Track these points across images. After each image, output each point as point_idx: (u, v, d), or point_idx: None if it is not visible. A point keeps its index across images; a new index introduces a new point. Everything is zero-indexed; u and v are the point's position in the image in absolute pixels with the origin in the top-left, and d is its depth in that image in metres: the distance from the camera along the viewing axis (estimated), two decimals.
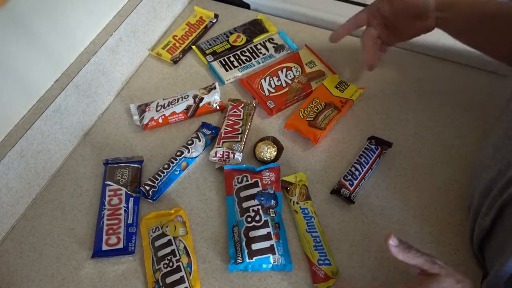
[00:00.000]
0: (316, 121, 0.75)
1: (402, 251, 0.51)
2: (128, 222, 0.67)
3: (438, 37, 0.87)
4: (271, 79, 0.82)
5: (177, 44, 0.90)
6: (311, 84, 0.82)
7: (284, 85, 0.82)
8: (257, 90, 0.81)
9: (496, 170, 0.55)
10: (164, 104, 0.79)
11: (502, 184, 0.53)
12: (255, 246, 0.63)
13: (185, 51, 0.90)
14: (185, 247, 0.64)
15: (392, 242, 0.51)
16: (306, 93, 0.81)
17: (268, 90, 0.81)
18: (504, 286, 0.49)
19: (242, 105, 0.78)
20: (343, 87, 0.79)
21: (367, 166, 0.70)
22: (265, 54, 0.88)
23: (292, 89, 0.81)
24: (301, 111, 0.76)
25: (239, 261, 0.62)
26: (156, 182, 0.70)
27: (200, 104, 0.79)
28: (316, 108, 0.76)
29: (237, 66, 0.86)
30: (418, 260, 0.51)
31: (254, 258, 0.62)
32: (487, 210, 0.56)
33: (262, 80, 0.82)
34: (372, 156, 0.71)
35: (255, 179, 0.69)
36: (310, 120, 0.75)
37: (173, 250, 0.63)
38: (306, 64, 0.84)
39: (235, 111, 0.77)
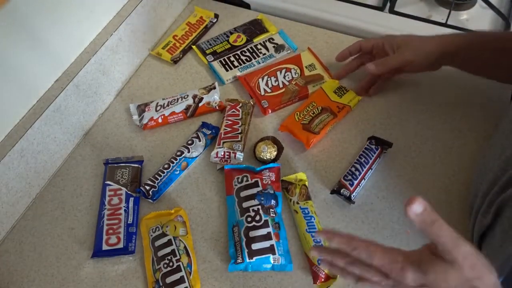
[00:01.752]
0: (310, 125, 0.74)
1: (422, 222, 0.40)
2: (128, 222, 0.67)
3: None
4: (268, 78, 0.82)
5: (177, 44, 0.90)
6: (308, 87, 0.81)
7: (281, 86, 0.82)
8: (254, 89, 0.81)
9: (500, 169, 0.56)
10: (164, 104, 0.79)
11: (503, 181, 0.53)
12: (255, 246, 0.63)
13: (185, 51, 0.90)
14: (185, 247, 0.64)
15: (416, 208, 0.40)
16: (302, 96, 0.81)
17: (264, 89, 0.81)
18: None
19: (240, 104, 0.78)
20: (342, 92, 0.79)
21: (367, 166, 0.70)
22: (265, 54, 0.88)
23: (288, 90, 0.81)
24: (297, 114, 0.76)
25: (239, 261, 0.62)
26: (156, 182, 0.70)
27: (200, 104, 0.79)
28: (312, 112, 0.76)
29: (237, 66, 0.86)
30: (438, 240, 0.41)
31: (254, 258, 0.62)
32: (487, 208, 0.56)
33: (260, 79, 0.82)
34: (372, 156, 0.71)
35: (255, 179, 0.69)
36: (304, 124, 0.75)
37: (173, 250, 0.63)
38: (306, 67, 0.84)
39: (233, 111, 0.77)
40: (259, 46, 0.89)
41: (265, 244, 0.63)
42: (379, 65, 0.73)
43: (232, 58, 0.87)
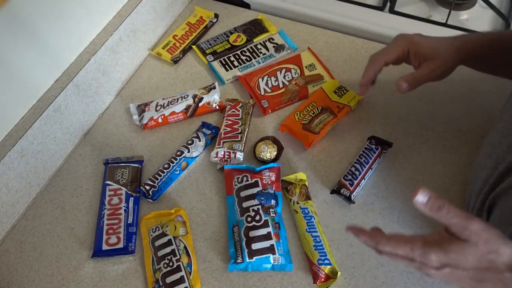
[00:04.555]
0: (310, 125, 0.74)
1: (430, 209, 0.43)
2: (128, 222, 0.67)
3: None
4: (268, 78, 0.82)
5: (177, 44, 0.90)
6: (308, 87, 0.81)
7: (281, 85, 0.82)
8: (254, 89, 0.81)
9: (491, 167, 0.56)
10: (164, 104, 0.79)
11: (494, 178, 0.54)
12: (255, 246, 0.63)
13: (185, 51, 0.90)
14: (185, 247, 0.64)
15: (421, 199, 0.42)
16: (302, 96, 0.81)
17: (264, 89, 0.81)
18: None
19: (240, 104, 0.78)
20: (342, 92, 0.79)
21: (367, 166, 0.70)
22: (265, 54, 0.88)
23: (288, 90, 0.81)
24: (297, 113, 0.76)
25: (239, 260, 0.62)
26: (156, 181, 0.70)
27: (200, 104, 0.79)
28: (312, 112, 0.76)
29: (237, 66, 0.86)
30: (449, 222, 0.43)
31: (254, 258, 0.62)
32: (481, 207, 0.56)
33: (260, 79, 0.82)
34: (372, 156, 0.71)
35: (255, 179, 0.69)
36: (304, 124, 0.75)
37: (173, 250, 0.63)
38: (306, 67, 0.84)
39: (233, 111, 0.77)
40: (259, 46, 0.89)
41: (265, 244, 0.63)
42: (412, 83, 0.67)
43: (232, 58, 0.87)
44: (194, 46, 0.90)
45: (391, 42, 0.70)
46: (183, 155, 0.73)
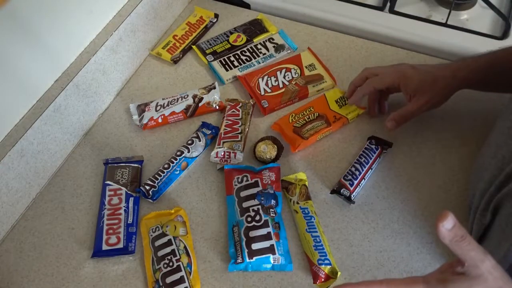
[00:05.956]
0: (301, 129, 0.74)
1: (453, 237, 0.40)
2: (128, 222, 0.67)
3: (438, 37, 0.87)
4: (268, 78, 0.82)
5: (177, 44, 0.90)
6: (308, 87, 0.81)
7: (281, 86, 0.82)
8: (254, 89, 0.81)
9: (496, 168, 0.56)
10: (164, 103, 0.79)
11: (500, 179, 0.54)
12: (255, 246, 0.63)
13: (185, 51, 0.90)
14: (185, 247, 0.64)
15: (447, 225, 0.39)
16: (302, 96, 0.80)
17: (264, 89, 0.81)
18: None
19: (240, 104, 0.78)
20: (343, 102, 0.78)
21: (367, 166, 0.70)
22: (265, 54, 0.88)
23: (288, 90, 0.81)
24: (292, 115, 0.76)
25: (239, 261, 0.62)
26: (156, 182, 0.70)
27: (200, 104, 0.79)
28: (308, 117, 0.76)
29: (237, 66, 0.86)
30: (466, 255, 0.40)
31: (254, 258, 0.62)
32: (485, 207, 0.56)
33: (260, 79, 0.82)
34: (372, 156, 0.71)
35: (255, 179, 0.69)
36: (296, 127, 0.75)
37: (173, 250, 0.63)
38: (306, 67, 0.84)
39: (233, 111, 0.77)
40: (259, 46, 0.89)
41: (265, 244, 0.63)
42: (399, 121, 0.71)
43: (232, 58, 0.87)
44: (194, 46, 0.90)
45: (386, 71, 0.72)
46: (183, 155, 0.73)
